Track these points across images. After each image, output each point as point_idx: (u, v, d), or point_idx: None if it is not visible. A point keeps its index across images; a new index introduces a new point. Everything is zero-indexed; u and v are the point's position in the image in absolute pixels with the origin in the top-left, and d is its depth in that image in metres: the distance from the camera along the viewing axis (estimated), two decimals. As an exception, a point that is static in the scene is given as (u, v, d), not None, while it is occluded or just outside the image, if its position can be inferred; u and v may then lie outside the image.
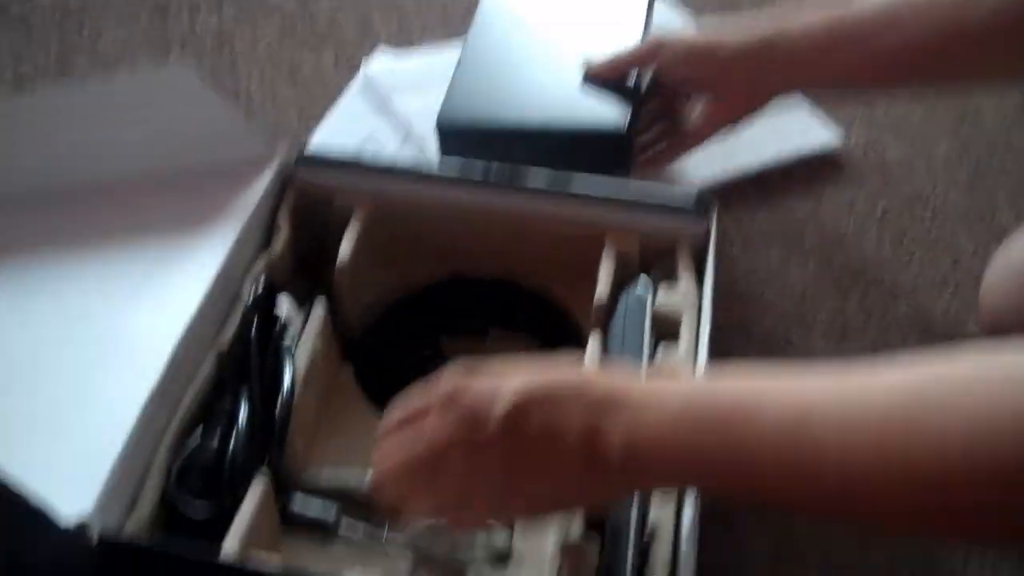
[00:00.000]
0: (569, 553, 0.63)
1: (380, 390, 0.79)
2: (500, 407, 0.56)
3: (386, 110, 1.11)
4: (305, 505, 0.70)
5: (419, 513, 0.60)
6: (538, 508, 0.59)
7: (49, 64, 1.18)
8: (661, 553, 0.63)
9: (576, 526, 0.66)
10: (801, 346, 0.91)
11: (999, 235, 0.96)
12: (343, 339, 0.80)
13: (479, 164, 0.84)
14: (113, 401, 0.67)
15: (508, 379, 0.57)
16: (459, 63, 0.99)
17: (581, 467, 0.55)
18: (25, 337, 0.73)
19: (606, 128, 0.90)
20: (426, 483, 0.59)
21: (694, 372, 0.72)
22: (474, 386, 0.58)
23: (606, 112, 0.91)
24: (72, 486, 0.61)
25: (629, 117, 0.90)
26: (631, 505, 0.65)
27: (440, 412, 0.58)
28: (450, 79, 0.98)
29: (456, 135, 0.96)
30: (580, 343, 0.76)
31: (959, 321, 0.94)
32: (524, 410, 0.56)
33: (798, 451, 0.51)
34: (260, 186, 0.83)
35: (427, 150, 1.05)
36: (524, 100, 0.94)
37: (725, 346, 0.90)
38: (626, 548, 0.64)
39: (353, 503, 0.71)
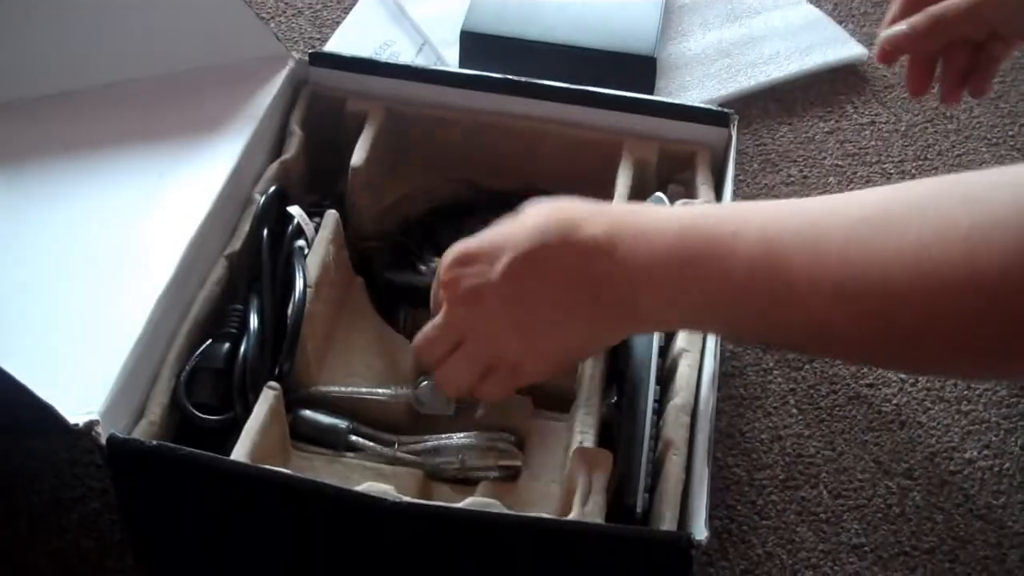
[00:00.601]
0: (582, 460, 0.62)
1: (393, 306, 0.78)
2: (503, 260, 0.60)
3: (401, 17, 1.09)
4: (315, 418, 0.69)
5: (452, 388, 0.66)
6: (551, 360, 0.63)
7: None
8: (674, 468, 0.62)
9: (588, 438, 0.65)
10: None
11: (1022, 154, 0.95)
12: (355, 250, 0.79)
13: (495, 72, 0.82)
14: (123, 306, 0.65)
15: (511, 229, 0.61)
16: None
17: (585, 307, 0.58)
18: (34, 242, 0.71)
19: (635, 50, 0.88)
20: (449, 352, 0.64)
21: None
22: (477, 244, 0.62)
23: (635, 34, 0.89)
24: (81, 388, 0.60)
25: (656, 38, 0.88)
26: (644, 418, 0.65)
27: (449, 277, 0.63)
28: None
29: (480, 46, 0.95)
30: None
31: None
32: (529, 257, 0.59)
33: (771, 274, 0.51)
34: (272, 88, 0.82)
35: (444, 58, 1.03)
36: (552, 15, 0.92)
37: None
38: (640, 458, 0.63)
39: (363, 418, 0.70)
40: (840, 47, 1.08)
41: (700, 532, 0.57)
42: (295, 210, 0.74)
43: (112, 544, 0.69)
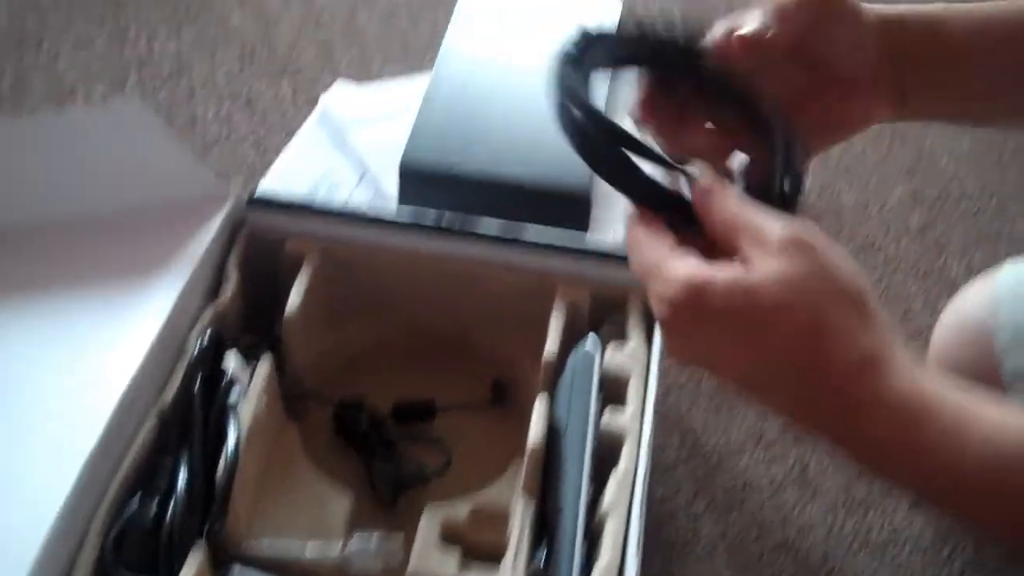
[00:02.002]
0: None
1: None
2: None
3: (343, 145, 1.10)
4: (245, 576, 0.69)
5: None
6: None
7: (3, 87, 1.16)
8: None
9: None
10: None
11: (950, 286, 0.97)
12: (288, 397, 0.79)
13: (431, 212, 0.83)
14: (51, 464, 0.65)
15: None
16: (423, 102, 0.98)
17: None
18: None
19: (570, 187, 0.90)
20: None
21: (639, 439, 0.72)
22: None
23: (571, 169, 0.90)
24: (5, 553, 0.59)
25: (591, 175, 0.89)
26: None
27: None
28: (414, 120, 0.98)
29: (419, 180, 0.95)
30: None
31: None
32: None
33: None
34: (211, 229, 0.82)
35: (383, 189, 1.04)
36: (494, 144, 0.94)
37: (675, 404, 0.90)
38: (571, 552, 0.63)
39: (295, 573, 0.69)
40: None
41: None
42: (230, 361, 0.74)
43: None
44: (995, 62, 0.65)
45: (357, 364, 0.85)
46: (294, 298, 0.79)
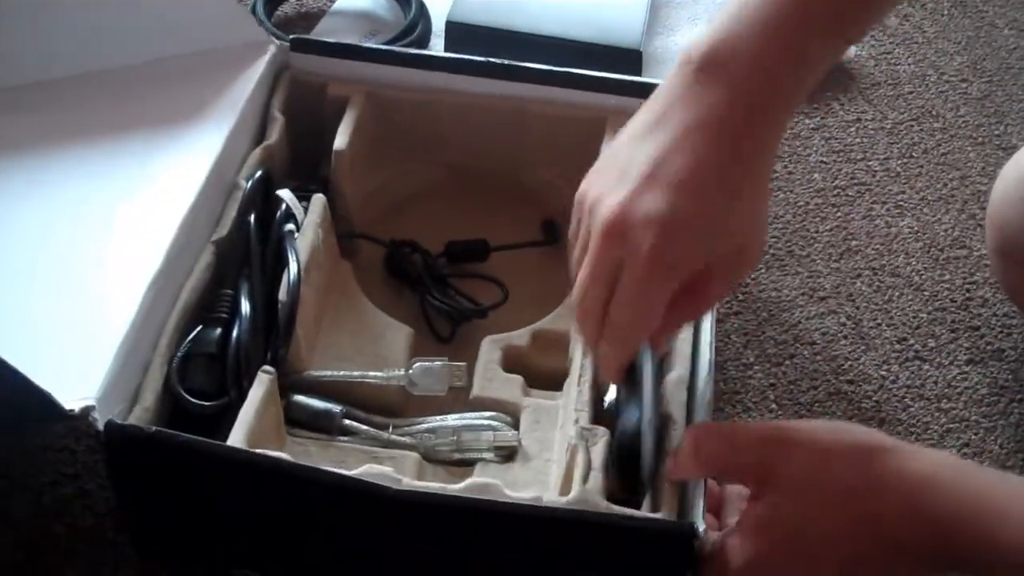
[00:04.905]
0: (579, 438, 0.62)
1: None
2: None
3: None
4: (308, 403, 0.69)
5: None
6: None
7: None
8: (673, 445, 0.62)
9: (584, 416, 0.65)
10: (804, 258, 0.90)
11: (1008, 153, 0.96)
12: (341, 236, 0.78)
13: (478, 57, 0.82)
14: (112, 294, 0.65)
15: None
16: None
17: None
18: (21, 233, 0.71)
19: (621, 43, 0.88)
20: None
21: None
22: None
23: (621, 27, 0.89)
24: (74, 378, 0.59)
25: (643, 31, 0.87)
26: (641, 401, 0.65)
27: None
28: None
29: (465, 37, 0.94)
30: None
31: (964, 237, 0.93)
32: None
33: None
34: (254, 74, 0.81)
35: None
36: (538, 6, 0.92)
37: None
38: (645, 432, 0.63)
39: (356, 402, 0.70)
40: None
41: (700, 522, 0.57)
42: (285, 194, 0.74)
43: (84, 530, 0.69)
44: None
45: (406, 206, 0.85)
46: (341, 138, 0.78)
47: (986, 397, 0.82)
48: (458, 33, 0.94)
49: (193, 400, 0.64)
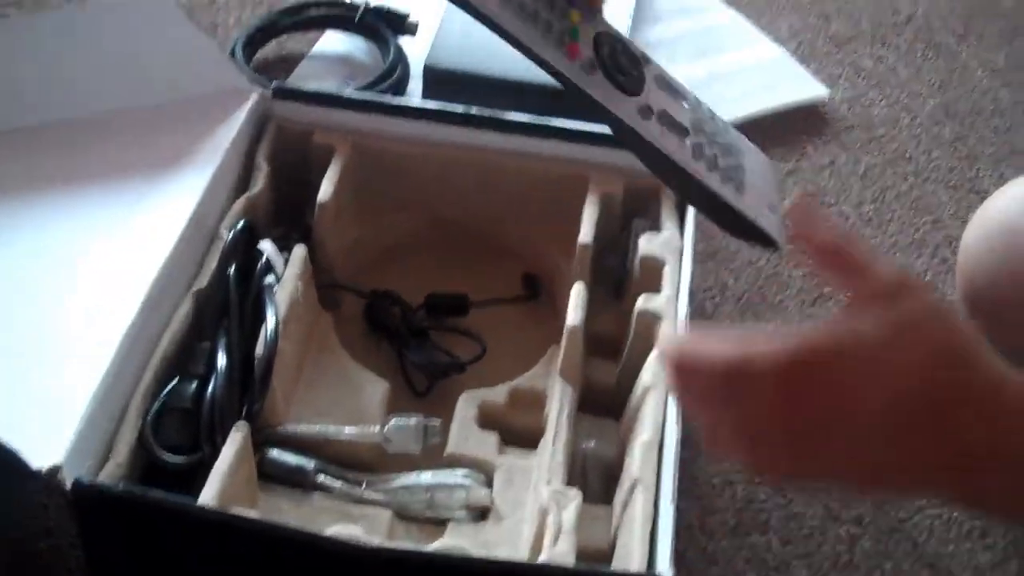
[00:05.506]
0: (552, 499, 0.63)
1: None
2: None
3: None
4: (282, 458, 0.68)
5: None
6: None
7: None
8: (641, 505, 0.62)
9: (556, 480, 0.65)
10: (776, 305, 0.90)
11: (980, 197, 0.96)
12: (321, 287, 0.78)
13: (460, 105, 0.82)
14: (86, 345, 0.65)
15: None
16: (448, 9, 0.96)
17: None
18: (-5, 277, 0.70)
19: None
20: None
21: (675, 323, 0.71)
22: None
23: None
24: (44, 433, 0.59)
25: None
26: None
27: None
28: (438, 25, 0.96)
29: (442, 82, 0.94)
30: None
31: (936, 281, 0.93)
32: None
33: None
34: (236, 122, 0.80)
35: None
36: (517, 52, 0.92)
37: (699, 304, 0.89)
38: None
39: (331, 456, 0.70)
40: (802, 87, 1.09)
41: (667, 571, 0.57)
42: (266, 245, 0.74)
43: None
44: None
45: (388, 257, 0.85)
46: (326, 187, 0.78)
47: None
48: (436, 77, 0.95)
49: (167, 455, 0.64)
